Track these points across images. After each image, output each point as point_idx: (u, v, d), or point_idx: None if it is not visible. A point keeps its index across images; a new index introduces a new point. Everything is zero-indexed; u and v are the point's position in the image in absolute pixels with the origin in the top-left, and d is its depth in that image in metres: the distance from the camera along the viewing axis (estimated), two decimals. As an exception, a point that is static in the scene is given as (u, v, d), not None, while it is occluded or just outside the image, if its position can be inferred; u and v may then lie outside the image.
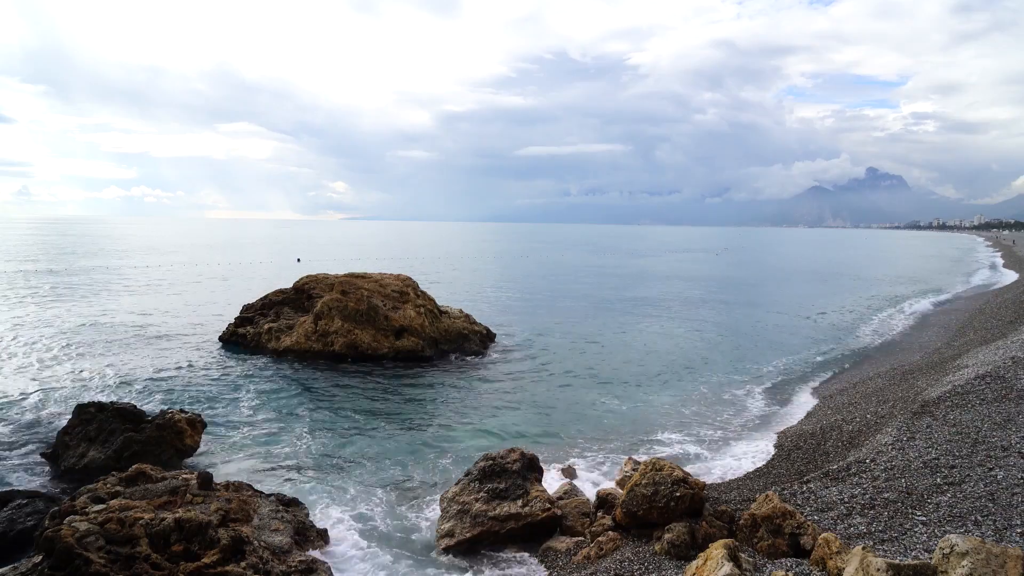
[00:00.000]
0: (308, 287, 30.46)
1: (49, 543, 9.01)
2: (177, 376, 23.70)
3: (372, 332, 27.42)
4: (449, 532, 12.08)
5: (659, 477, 10.99)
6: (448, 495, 12.93)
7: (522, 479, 12.73)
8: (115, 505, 10.28)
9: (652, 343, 31.79)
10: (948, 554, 6.66)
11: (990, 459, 11.59)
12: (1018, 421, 13.51)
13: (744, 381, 24.42)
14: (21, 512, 11.41)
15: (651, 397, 22.24)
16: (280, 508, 11.74)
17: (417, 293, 30.23)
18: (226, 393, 21.73)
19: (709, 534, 10.20)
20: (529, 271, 78.11)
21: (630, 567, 9.88)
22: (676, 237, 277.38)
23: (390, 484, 14.69)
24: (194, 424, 16.58)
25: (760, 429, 18.75)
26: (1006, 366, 18.59)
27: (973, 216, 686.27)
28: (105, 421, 15.97)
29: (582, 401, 21.73)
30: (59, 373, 23.75)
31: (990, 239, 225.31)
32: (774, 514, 9.86)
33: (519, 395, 22.31)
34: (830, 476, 12.17)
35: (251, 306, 31.54)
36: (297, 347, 27.34)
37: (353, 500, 13.84)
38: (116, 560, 9.03)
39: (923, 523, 9.60)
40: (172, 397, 21.14)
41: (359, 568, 11.25)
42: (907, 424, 14.75)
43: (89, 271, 64.07)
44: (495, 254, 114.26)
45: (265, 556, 10.02)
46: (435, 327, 28.96)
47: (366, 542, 12.07)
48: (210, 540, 9.72)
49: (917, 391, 18.64)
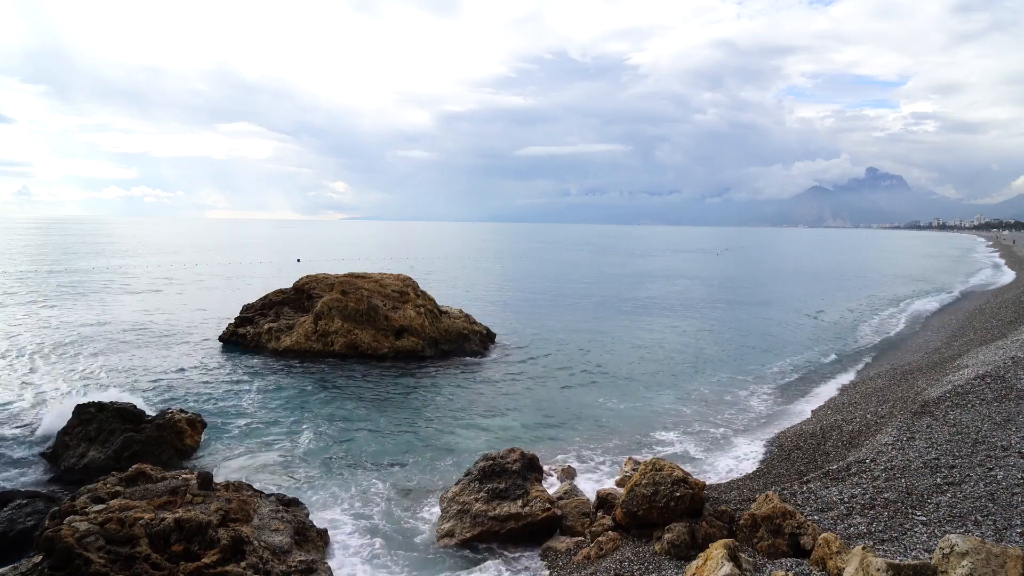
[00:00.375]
0: (308, 287, 30.47)
1: (49, 543, 9.01)
2: (177, 376, 23.71)
3: (372, 332, 27.43)
4: (449, 532, 12.09)
5: (659, 477, 10.99)
6: (448, 495, 12.94)
7: (522, 479, 12.74)
8: (115, 505, 10.28)
9: (652, 343, 31.79)
10: (948, 554, 6.66)
11: (990, 459, 11.60)
12: (1018, 421, 13.51)
13: (744, 381, 24.42)
14: (21, 512, 11.42)
15: (651, 397, 22.24)
16: (280, 508, 11.74)
17: (417, 293, 30.24)
18: (226, 393, 21.73)
19: (709, 534, 10.20)
20: (529, 271, 78.12)
21: (630, 567, 9.88)
22: (676, 237, 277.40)
23: (390, 484, 14.69)
24: (194, 424, 16.61)
25: (760, 429, 18.75)
26: (1006, 366, 18.59)
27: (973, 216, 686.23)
28: (105, 421, 15.99)
29: (582, 401, 21.73)
30: (59, 373, 23.76)
31: (990, 239, 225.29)
32: (774, 514, 9.87)
33: (519, 395, 22.31)
34: (830, 476, 12.17)
35: (251, 306, 31.55)
36: (297, 347, 27.36)
37: (353, 500, 13.84)
38: (116, 560, 9.04)
39: (923, 523, 9.60)
40: (172, 397, 21.15)
41: (359, 568, 11.25)
42: (907, 424, 14.76)
43: (89, 271, 64.08)
44: (495, 254, 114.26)
45: (265, 556, 10.03)
46: (435, 327, 28.97)
47: (366, 542, 12.07)
48: (210, 540, 9.72)
49: (917, 391, 18.64)
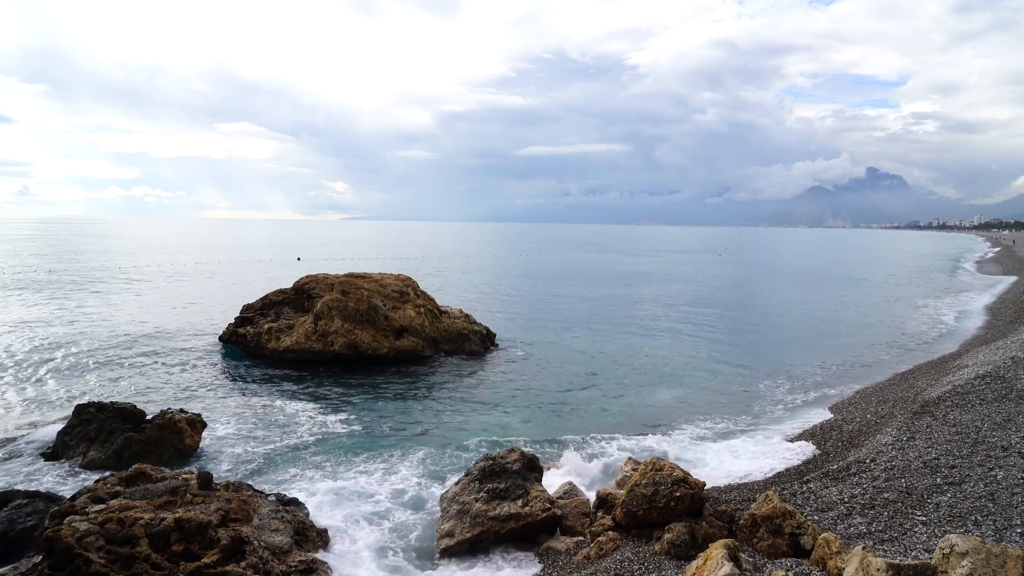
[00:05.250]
0: (308, 287, 30.45)
1: (49, 543, 9.01)
2: (177, 376, 23.71)
3: (372, 332, 27.41)
4: (449, 532, 12.08)
5: (659, 477, 10.99)
6: (448, 495, 12.94)
7: (522, 479, 12.72)
8: (115, 505, 10.28)
9: (653, 343, 31.79)
10: (948, 554, 6.66)
11: (990, 459, 11.60)
12: (1018, 421, 13.51)
13: (745, 381, 24.41)
14: (21, 512, 11.40)
15: (652, 397, 22.24)
16: (280, 508, 11.73)
17: (417, 293, 30.23)
18: (226, 393, 21.74)
19: (709, 534, 10.20)
20: (529, 271, 78.10)
21: (630, 567, 9.88)
22: (676, 237, 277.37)
23: (390, 484, 14.68)
24: (194, 424, 16.60)
25: (760, 429, 18.74)
26: (1006, 366, 18.60)
27: (973, 216, 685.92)
28: (105, 421, 16.00)
29: (582, 401, 21.73)
30: (59, 373, 23.75)
31: (990, 239, 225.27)
32: (774, 514, 9.86)
33: (519, 395, 22.31)
34: (830, 476, 12.17)
35: (251, 306, 31.53)
36: (297, 347, 27.33)
37: (353, 500, 13.83)
38: (116, 560, 9.03)
39: (923, 523, 9.60)
40: (172, 397, 21.14)
41: (359, 568, 11.24)
42: (907, 424, 14.76)
43: (89, 271, 64.08)
44: (495, 254, 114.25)
45: (265, 556, 10.02)
46: (435, 327, 28.96)
47: (366, 542, 12.06)
48: (210, 540, 9.72)
49: (917, 391, 18.65)
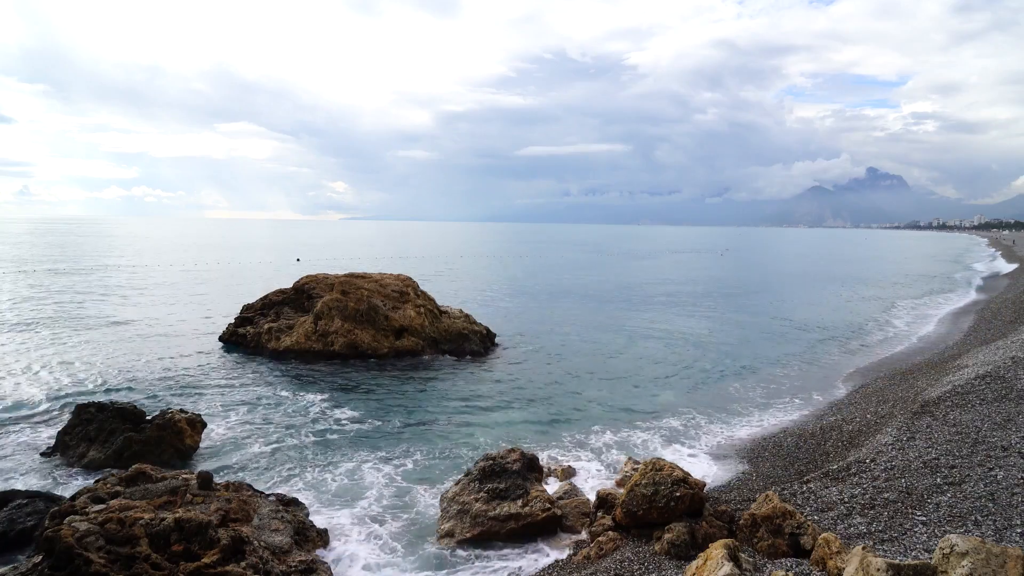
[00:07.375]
0: (308, 287, 30.46)
1: (49, 543, 9.01)
2: (177, 376, 23.70)
3: (372, 332, 27.42)
4: (449, 532, 12.08)
5: (659, 477, 10.99)
6: (448, 495, 12.94)
7: (522, 479, 12.73)
8: (115, 505, 10.28)
9: (653, 343, 31.79)
10: (948, 554, 6.66)
11: (990, 459, 11.60)
12: (1018, 421, 13.51)
13: (745, 381, 24.41)
14: (21, 512, 11.41)
15: (652, 397, 22.23)
16: (280, 508, 11.74)
17: (417, 293, 30.24)
18: (226, 393, 21.73)
19: (709, 534, 10.20)
20: (529, 271, 78.09)
21: (630, 567, 9.88)
22: (677, 237, 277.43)
23: (390, 484, 14.69)
24: (194, 424, 16.60)
25: (761, 429, 18.74)
26: (1006, 366, 18.60)
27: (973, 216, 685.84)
28: (105, 421, 16.00)
29: (582, 400, 21.72)
30: (59, 373, 23.75)
31: (990, 239, 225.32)
32: (774, 514, 9.87)
33: (519, 395, 22.30)
34: (830, 476, 12.17)
35: (251, 306, 31.54)
36: (297, 347, 27.34)
37: (353, 500, 13.84)
38: (116, 560, 9.03)
39: (923, 523, 9.60)
40: (172, 397, 21.14)
41: (359, 568, 11.25)
42: (907, 424, 14.76)
43: (89, 271, 64.09)
44: (495, 254, 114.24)
45: (265, 556, 10.02)
46: (435, 327, 28.97)
47: (366, 542, 12.07)
48: (210, 540, 9.72)
49: (917, 391, 18.65)
